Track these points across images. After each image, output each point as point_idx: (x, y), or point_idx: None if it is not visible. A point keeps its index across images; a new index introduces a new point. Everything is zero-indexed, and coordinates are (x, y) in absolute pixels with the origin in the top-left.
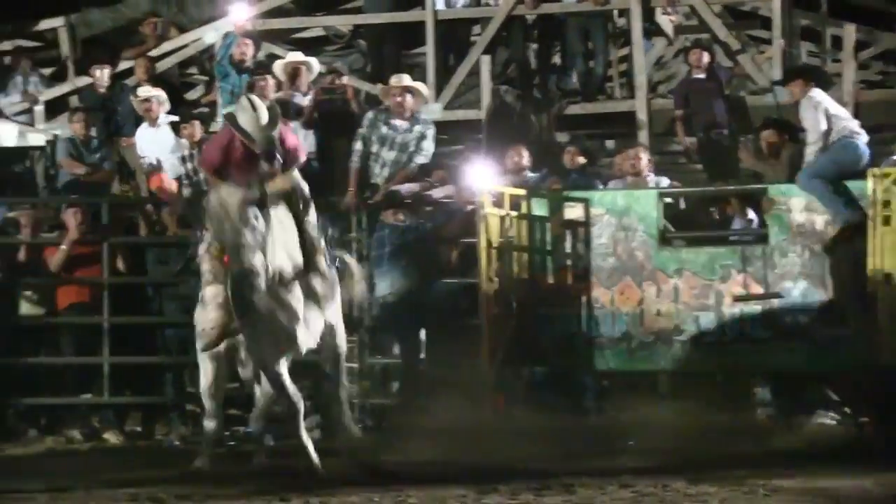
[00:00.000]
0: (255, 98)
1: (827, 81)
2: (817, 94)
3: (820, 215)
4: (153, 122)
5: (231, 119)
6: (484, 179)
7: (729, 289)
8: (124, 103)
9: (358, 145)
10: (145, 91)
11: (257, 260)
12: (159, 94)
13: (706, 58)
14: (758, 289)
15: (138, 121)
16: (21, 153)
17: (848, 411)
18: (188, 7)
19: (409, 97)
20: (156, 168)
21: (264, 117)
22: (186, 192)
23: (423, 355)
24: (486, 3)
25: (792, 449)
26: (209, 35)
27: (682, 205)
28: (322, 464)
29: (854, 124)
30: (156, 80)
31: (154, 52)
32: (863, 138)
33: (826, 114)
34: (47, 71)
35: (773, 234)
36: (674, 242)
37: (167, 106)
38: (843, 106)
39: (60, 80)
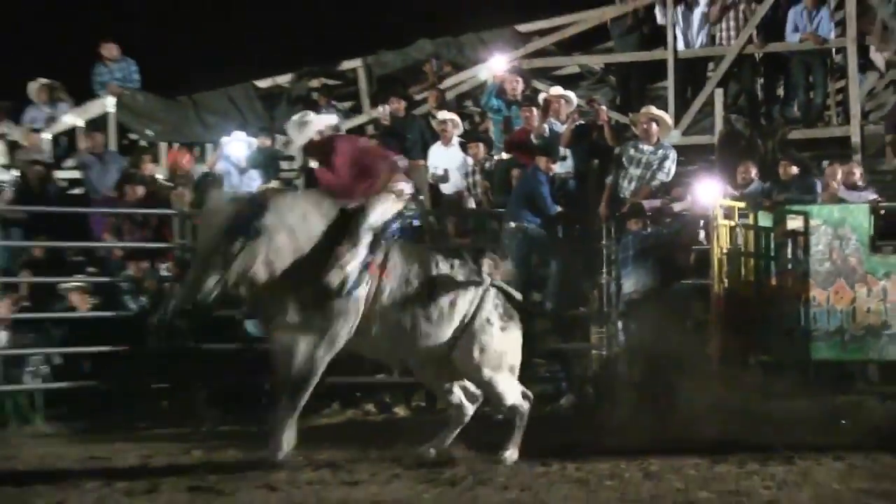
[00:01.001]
0: None
1: None
2: None
3: None
4: (447, 141)
5: None
6: (716, 195)
7: None
8: (413, 130)
9: (613, 166)
10: (444, 115)
11: (212, 281)
12: (455, 118)
13: None
14: None
15: (424, 146)
16: None
17: None
18: (465, 49)
19: (654, 125)
20: (442, 179)
21: None
22: (471, 203)
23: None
24: (720, 42)
25: None
26: (483, 73)
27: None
28: (588, 435)
29: None
30: (443, 108)
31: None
32: None
33: None
34: (346, 105)
35: None
36: (883, 250)
37: (461, 129)
38: None
39: (357, 113)
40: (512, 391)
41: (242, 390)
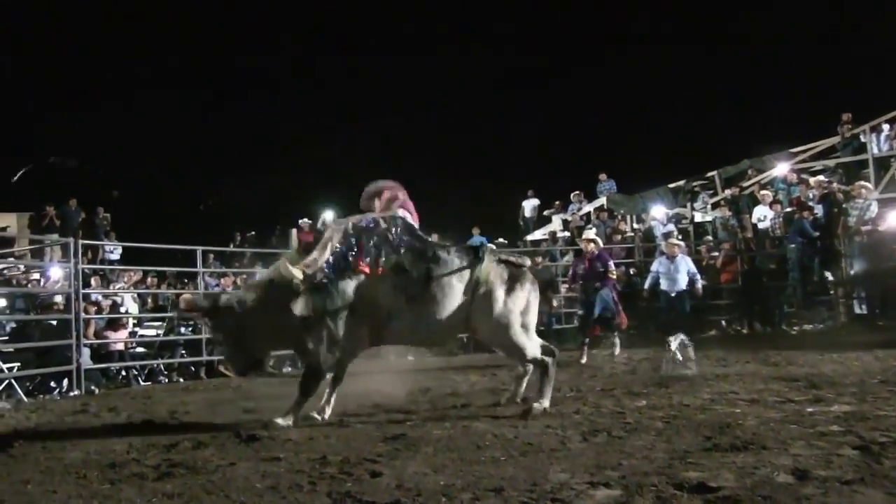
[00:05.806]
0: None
1: None
2: None
3: None
4: (764, 202)
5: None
6: None
7: None
8: (744, 200)
9: (843, 211)
10: (764, 191)
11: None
12: (767, 192)
13: None
14: None
15: (749, 205)
16: None
17: None
18: (766, 162)
19: (863, 189)
20: (762, 217)
21: None
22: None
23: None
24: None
25: None
26: (776, 171)
27: None
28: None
29: None
30: (763, 189)
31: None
32: None
33: None
34: (709, 191)
35: None
36: None
37: (770, 197)
38: None
39: (715, 195)
40: (529, 346)
41: None
